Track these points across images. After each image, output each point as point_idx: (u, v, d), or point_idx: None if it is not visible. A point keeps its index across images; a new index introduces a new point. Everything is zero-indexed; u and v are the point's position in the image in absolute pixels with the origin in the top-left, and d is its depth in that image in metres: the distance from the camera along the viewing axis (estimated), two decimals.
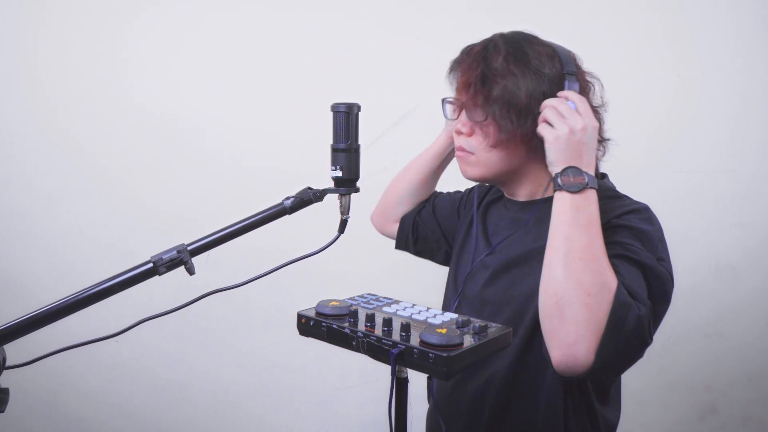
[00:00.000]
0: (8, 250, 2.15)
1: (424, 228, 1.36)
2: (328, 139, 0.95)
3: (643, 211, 1.01)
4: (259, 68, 2.13)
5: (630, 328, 0.88)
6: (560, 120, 0.97)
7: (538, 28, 1.11)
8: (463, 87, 1.06)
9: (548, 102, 0.99)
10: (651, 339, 0.92)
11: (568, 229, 0.92)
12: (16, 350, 0.85)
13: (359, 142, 0.95)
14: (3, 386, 0.83)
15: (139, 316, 0.91)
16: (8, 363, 0.83)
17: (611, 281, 0.89)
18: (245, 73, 2.13)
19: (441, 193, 1.41)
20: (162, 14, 2.10)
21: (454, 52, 1.11)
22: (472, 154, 1.08)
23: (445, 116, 1.16)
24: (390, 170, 1.51)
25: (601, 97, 1.09)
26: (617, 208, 1.01)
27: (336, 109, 0.94)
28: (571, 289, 0.88)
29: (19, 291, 2.12)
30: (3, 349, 0.82)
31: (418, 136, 1.44)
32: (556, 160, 0.97)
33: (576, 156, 0.96)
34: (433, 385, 1.17)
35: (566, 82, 1.01)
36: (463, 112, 1.08)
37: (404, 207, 1.39)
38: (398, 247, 1.43)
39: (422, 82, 2.07)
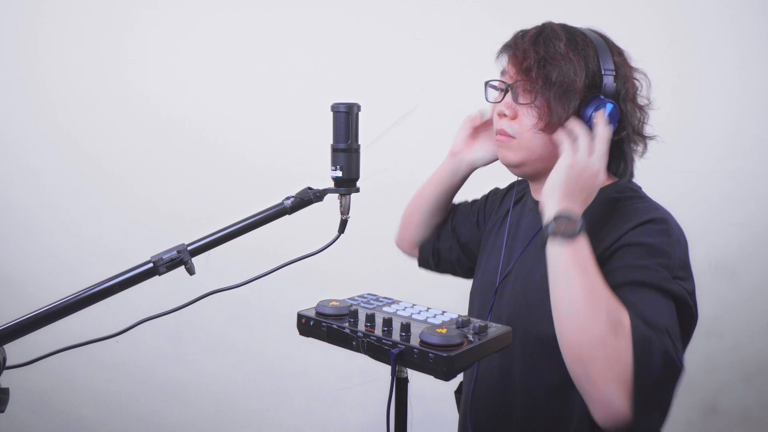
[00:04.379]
0: (8, 250, 2.15)
1: (446, 251, 1.36)
2: (328, 139, 0.95)
3: (659, 221, 0.97)
4: (259, 68, 2.13)
5: (657, 363, 0.85)
6: (587, 151, 0.97)
7: None
8: (523, 70, 1.04)
9: (583, 128, 1.00)
10: (682, 364, 0.88)
11: (566, 276, 0.89)
12: (16, 350, 0.85)
13: (359, 142, 0.95)
14: (3, 386, 0.83)
15: (139, 316, 0.91)
16: (8, 363, 0.83)
17: (623, 319, 0.86)
18: (245, 73, 2.13)
19: (459, 206, 1.38)
20: (162, 14, 2.10)
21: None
22: (514, 138, 1.07)
23: (487, 99, 1.14)
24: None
25: (647, 97, 1.10)
26: (634, 213, 0.99)
27: (336, 109, 0.94)
28: (589, 346, 0.85)
29: (19, 291, 2.12)
30: (3, 349, 0.82)
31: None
32: (556, 188, 0.95)
33: (577, 193, 0.96)
34: (462, 390, 1.19)
35: (604, 83, 1.03)
36: (508, 95, 1.07)
37: (422, 233, 1.38)
38: (421, 266, 1.43)
39: (422, 82, 2.07)
